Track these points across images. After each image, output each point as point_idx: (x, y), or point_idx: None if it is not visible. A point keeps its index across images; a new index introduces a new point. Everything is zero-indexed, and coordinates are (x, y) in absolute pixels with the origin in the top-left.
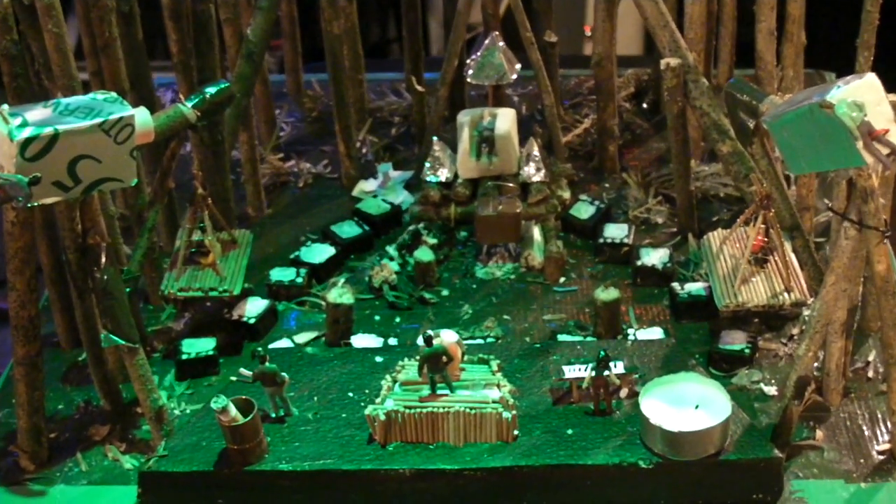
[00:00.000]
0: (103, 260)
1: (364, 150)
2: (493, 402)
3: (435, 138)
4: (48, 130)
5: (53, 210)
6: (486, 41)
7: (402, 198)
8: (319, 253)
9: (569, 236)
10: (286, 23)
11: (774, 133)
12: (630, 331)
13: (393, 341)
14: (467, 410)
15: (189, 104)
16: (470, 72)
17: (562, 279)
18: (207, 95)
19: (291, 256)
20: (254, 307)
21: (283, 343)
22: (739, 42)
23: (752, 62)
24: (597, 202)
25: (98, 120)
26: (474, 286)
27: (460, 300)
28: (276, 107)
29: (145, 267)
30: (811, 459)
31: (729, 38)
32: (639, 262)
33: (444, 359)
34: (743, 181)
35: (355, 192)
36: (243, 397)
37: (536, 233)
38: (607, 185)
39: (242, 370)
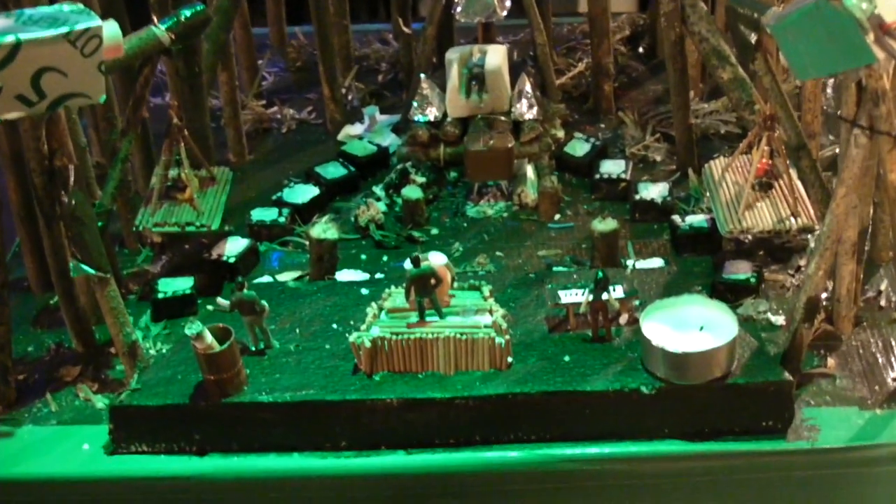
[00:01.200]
0: (71, 182)
1: (350, 97)
2: (486, 327)
3: (422, 76)
4: (9, 39)
5: (21, 141)
6: None
7: (390, 140)
8: (303, 193)
9: (563, 175)
10: None
11: (778, 37)
12: (629, 262)
13: (380, 276)
14: (458, 336)
15: (163, 26)
16: (458, 8)
17: (557, 216)
18: (182, 17)
19: (274, 197)
20: (234, 247)
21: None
22: None
23: None
24: (592, 139)
25: (63, 30)
26: (465, 225)
27: (450, 238)
28: (259, 57)
29: (120, 206)
30: (823, 387)
31: None
32: (637, 197)
33: (433, 281)
34: (745, 109)
35: (341, 137)
36: (220, 325)
37: (530, 171)
38: (603, 125)
39: (220, 299)
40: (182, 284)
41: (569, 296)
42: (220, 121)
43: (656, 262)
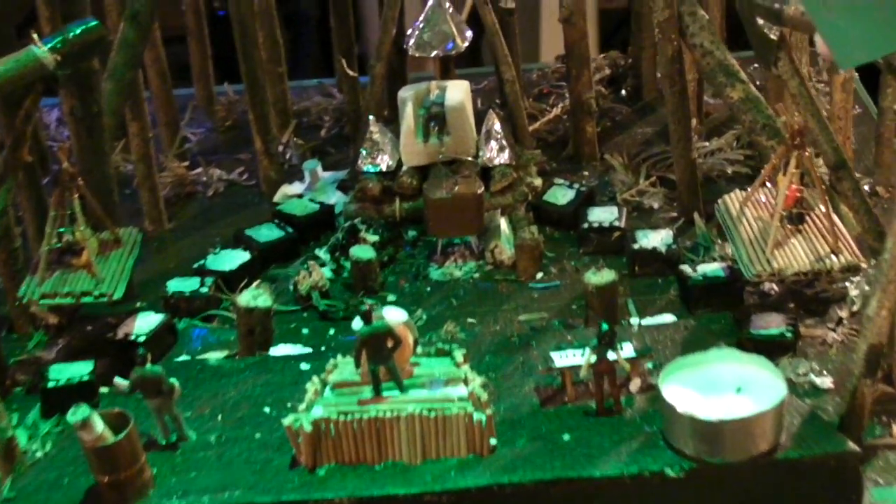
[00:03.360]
0: None
1: (288, 155)
2: (460, 400)
3: (371, 118)
4: None
5: None
6: (430, 3)
7: (335, 199)
8: (230, 259)
9: (544, 229)
10: (190, 16)
11: (815, 15)
12: (633, 320)
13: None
14: (425, 413)
15: (45, 45)
16: (411, 41)
17: (539, 274)
18: (69, 35)
19: (195, 266)
20: (145, 323)
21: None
22: None
23: None
24: (576, 186)
25: None
26: (428, 289)
27: (411, 305)
28: (180, 117)
29: (4, 278)
30: (891, 462)
31: None
32: (636, 247)
33: (390, 343)
34: (761, 133)
35: (277, 198)
36: (116, 410)
37: (503, 223)
38: (586, 172)
39: (118, 379)
40: (79, 370)
41: (564, 358)
42: (133, 183)
43: (667, 318)
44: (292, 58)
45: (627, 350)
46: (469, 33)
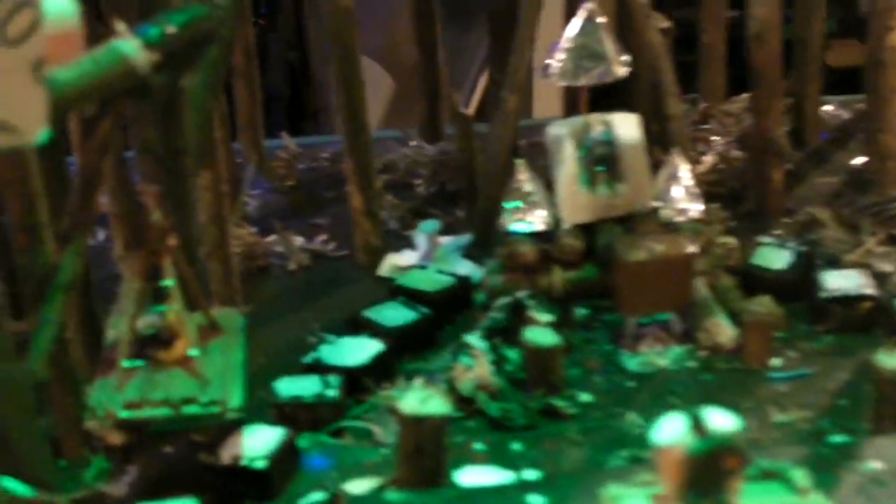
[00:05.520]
0: None
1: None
2: None
3: (520, 162)
4: None
5: None
6: (580, 18)
7: (465, 270)
8: (354, 350)
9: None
10: (240, 56)
11: None
12: None
13: (532, 475)
14: None
15: (137, 40)
16: (552, 68)
17: (773, 360)
18: (171, 25)
19: (306, 360)
20: (258, 442)
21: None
22: None
23: None
24: (790, 245)
25: None
26: (631, 384)
27: (615, 407)
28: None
29: (54, 383)
30: None
31: None
32: None
33: (734, 462)
34: None
35: (384, 272)
36: None
37: (707, 294)
38: (778, 231)
39: None
40: None
41: None
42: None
43: None
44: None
45: None
46: (626, 57)
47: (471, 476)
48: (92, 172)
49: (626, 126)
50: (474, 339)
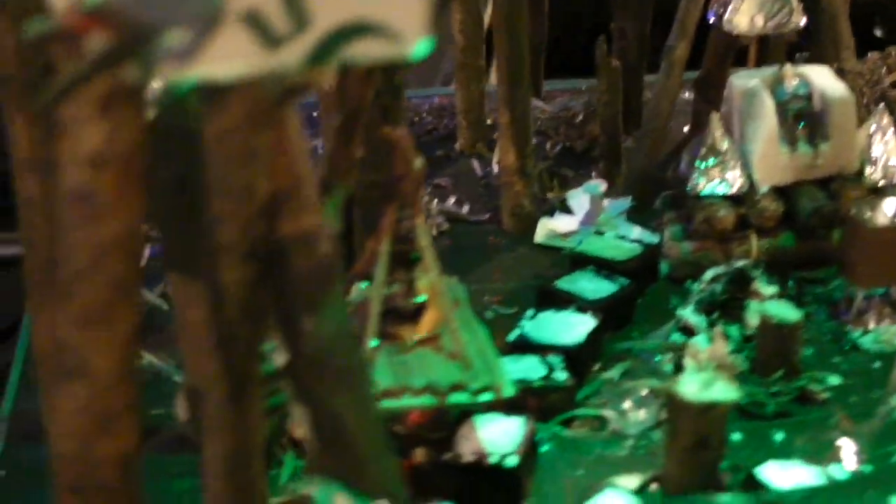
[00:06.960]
0: None
1: None
2: None
3: (716, 115)
4: None
5: None
6: None
7: (639, 235)
8: (563, 327)
9: None
10: None
11: None
12: None
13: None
14: None
15: None
16: (729, 14)
17: None
18: None
19: (511, 338)
20: (497, 434)
21: None
22: None
23: None
24: None
25: None
26: (875, 364)
27: (868, 390)
28: None
29: None
30: None
31: None
32: None
33: None
34: None
35: (539, 238)
36: None
37: None
38: None
39: None
40: None
41: None
42: None
43: None
44: None
45: None
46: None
47: (768, 470)
48: (353, 110)
49: (826, 79)
50: (689, 314)
